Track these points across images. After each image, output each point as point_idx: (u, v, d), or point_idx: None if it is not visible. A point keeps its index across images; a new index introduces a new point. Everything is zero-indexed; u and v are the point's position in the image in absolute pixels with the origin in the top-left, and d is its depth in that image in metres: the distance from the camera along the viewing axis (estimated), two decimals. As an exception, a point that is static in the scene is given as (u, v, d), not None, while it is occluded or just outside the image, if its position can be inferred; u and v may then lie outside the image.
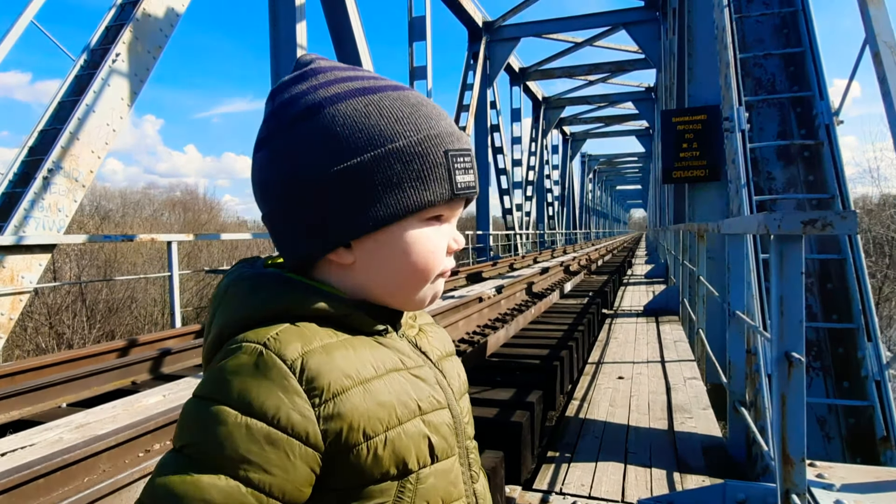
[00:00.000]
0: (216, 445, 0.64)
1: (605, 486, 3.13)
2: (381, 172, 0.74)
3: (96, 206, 36.29)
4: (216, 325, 0.75)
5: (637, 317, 9.00)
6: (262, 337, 0.69)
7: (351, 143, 0.73)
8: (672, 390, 4.82)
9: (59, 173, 7.40)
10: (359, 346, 0.75)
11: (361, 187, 0.74)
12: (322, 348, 0.71)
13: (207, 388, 0.67)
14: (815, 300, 4.22)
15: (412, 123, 0.76)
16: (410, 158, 0.75)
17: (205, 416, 0.65)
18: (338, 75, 0.79)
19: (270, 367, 0.67)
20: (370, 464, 0.70)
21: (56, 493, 2.80)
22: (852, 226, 1.84)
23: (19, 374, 5.28)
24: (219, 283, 0.80)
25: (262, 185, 0.78)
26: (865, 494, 2.06)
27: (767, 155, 4.74)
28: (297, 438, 0.66)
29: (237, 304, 0.75)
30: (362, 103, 0.75)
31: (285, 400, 0.66)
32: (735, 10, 5.28)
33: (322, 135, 0.74)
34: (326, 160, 0.73)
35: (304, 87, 0.78)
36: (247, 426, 0.64)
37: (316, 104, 0.75)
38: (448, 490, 0.79)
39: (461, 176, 0.78)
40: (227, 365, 0.67)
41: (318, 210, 0.74)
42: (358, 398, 0.70)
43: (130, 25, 8.36)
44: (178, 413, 1.64)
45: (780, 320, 1.93)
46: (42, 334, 21.03)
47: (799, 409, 1.89)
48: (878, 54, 3.42)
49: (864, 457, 3.71)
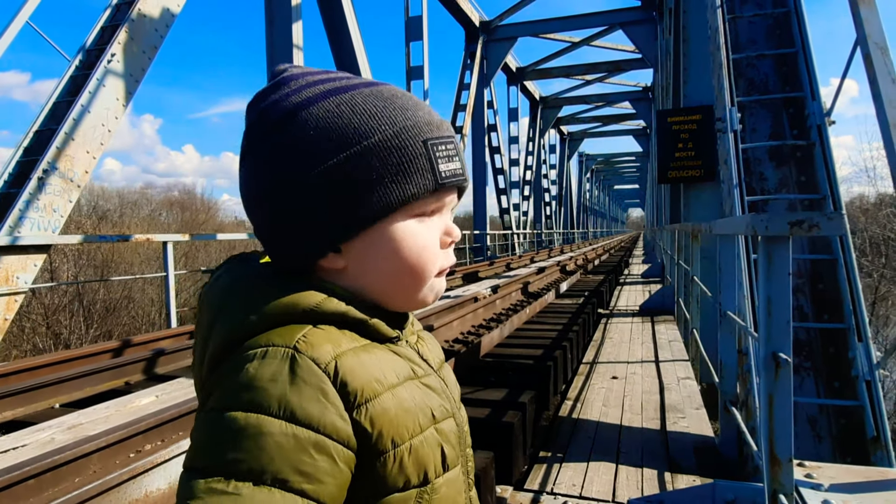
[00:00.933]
0: (266, 459, 0.60)
1: (597, 486, 3.13)
2: (358, 171, 0.72)
3: (94, 205, 36.25)
4: (225, 327, 0.70)
5: (633, 316, 9.01)
6: (290, 339, 0.66)
7: (325, 145, 0.72)
8: (665, 390, 4.82)
9: (55, 174, 7.39)
10: (379, 353, 0.73)
11: (341, 188, 0.72)
12: (351, 352, 0.69)
13: (239, 399, 0.62)
14: (807, 300, 4.22)
15: (386, 117, 0.74)
16: (388, 153, 0.73)
17: (244, 430, 0.60)
18: (309, 80, 0.77)
19: (307, 372, 0.64)
20: (395, 472, 0.69)
21: (47, 494, 2.80)
22: (839, 227, 1.84)
23: (12, 374, 5.28)
24: (211, 283, 0.77)
25: (247, 198, 0.77)
26: (854, 494, 2.06)
27: (760, 155, 4.75)
28: (341, 443, 0.64)
29: (250, 304, 0.70)
30: (334, 103, 0.74)
31: (327, 404, 0.64)
32: (728, 10, 5.29)
33: (297, 141, 0.72)
34: (304, 166, 0.72)
35: (277, 95, 0.76)
36: (294, 435, 0.61)
37: (289, 111, 0.74)
38: (455, 499, 0.78)
39: (444, 164, 0.76)
40: (257, 372, 0.63)
41: (302, 217, 0.73)
42: (388, 404, 0.69)
43: (126, 26, 8.34)
44: (170, 413, 1.63)
45: (767, 321, 1.94)
46: (39, 335, 21.01)
47: (786, 409, 1.89)
48: (869, 55, 3.43)
49: (854, 457, 3.72)
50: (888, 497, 2.04)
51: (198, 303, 0.78)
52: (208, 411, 0.64)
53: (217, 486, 0.59)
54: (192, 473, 0.61)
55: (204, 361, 0.72)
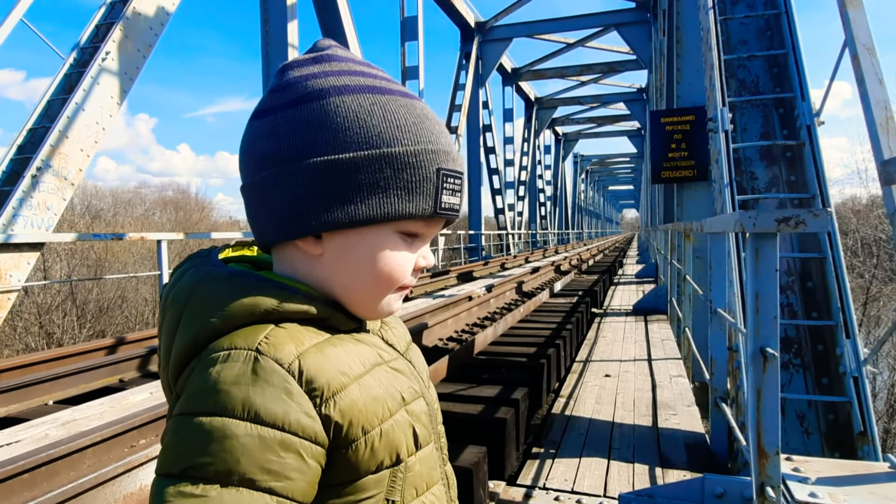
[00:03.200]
0: (232, 461, 0.61)
1: (588, 481, 3.16)
2: (370, 173, 0.73)
3: (87, 205, 36.19)
4: (189, 330, 0.70)
5: (626, 316, 9.05)
6: (252, 342, 0.67)
7: (348, 137, 0.73)
8: (658, 388, 4.86)
9: (48, 171, 7.39)
10: (344, 344, 0.74)
11: (347, 182, 0.73)
12: (315, 348, 0.70)
13: (202, 403, 0.64)
14: (796, 298, 4.26)
15: (413, 133, 0.75)
16: (402, 167, 0.74)
17: (209, 433, 0.62)
18: (351, 67, 0.79)
19: (270, 373, 0.65)
20: (367, 457, 0.71)
21: (40, 488, 2.81)
22: (825, 224, 1.87)
23: (5, 371, 5.28)
24: (173, 282, 0.77)
25: (252, 154, 0.77)
26: (840, 487, 2.08)
27: (750, 155, 4.79)
28: (308, 439, 0.65)
29: (212, 306, 0.71)
30: (368, 101, 0.75)
31: (291, 403, 0.65)
32: (720, 11, 5.33)
33: (322, 121, 0.73)
34: (320, 146, 0.73)
35: (316, 69, 0.77)
36: (259, 435, 0.62)
37: (324, 89, 0.75)
38: (430, 475, 0.81)
39: (447, 196, 0.78)
40: (220, 375, 0.64)
41: (298, 192, 0.73)
42: (355, 394, 0.70)
43: (120, 24, 8.35)
44: (165, 409, 1.66)
45: (755, 316, 1.96)
46: (32, 334, 20.95)
47: (773, 403, 1.92)
48: (857, 56, 3.47)
49: (842, 451, 3.76)
50: (873, 489, 2.07)
51: (160, 303, 0.78)
52: (176, 416, 0.65)
53: (186, 489, 0.60)
54: (162, 479, 0.62)
55: (169, 364, 0.73)
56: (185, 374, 0.69)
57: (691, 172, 9.15)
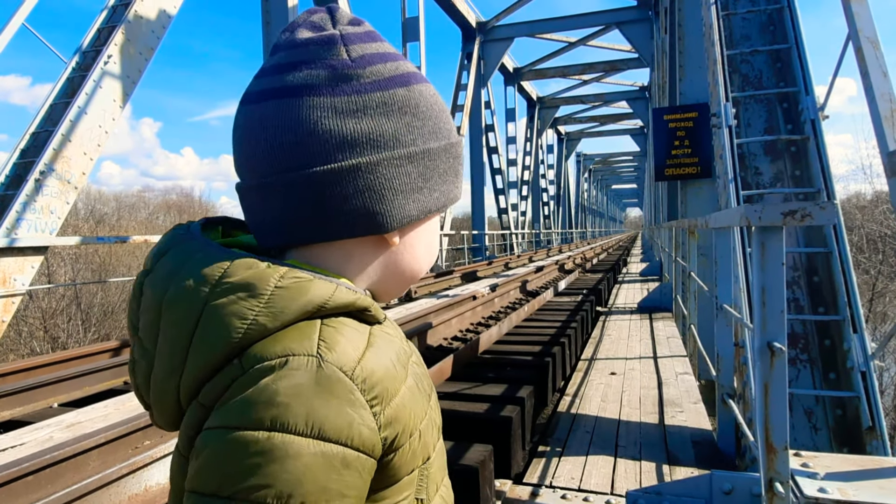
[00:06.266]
0: (294, 482, 0.55)
1: (595, 478, 3.15)
2: (446, 161, 0.75)
3: (91, 209, 36.28)
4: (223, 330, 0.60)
5: (631, 314, 9.02)
6: (310, 346, 0.60)
7: (431, 126, 0.73)
8: (663, 385, 4.84)
9: (51, 175, 7.39)
10: (385, 342, 0.68)
11: (434, 171, 0.73)
12: (369, 350, 0.64)
13: (259, 418, 0.56)
14: (803, 293, 4.24)
15: (451, 124, 0.77)
16: (458, 154, 0.77)
17: (269, 452, 0.55)
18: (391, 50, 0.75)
19: (335, 383, 0.58)
20: (409, 460, 0.67)
21: (45, 490, 2.81)
22: (831, 216, 1.86)
23: (10, 374, 5.28)
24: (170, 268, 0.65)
25: (325, 134, 0.67)
26: (849, 482, 2.07)
27: (755, 150, 4.76)
28: (366, 453, 0.60)
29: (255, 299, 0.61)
30: (429, 91, 0.75)
31: (355, 416, 0.59)
32: (722, 7, 5.31)
33: (414, 108, 0.71)
34: (413, 135, 0.71)
35: (383, 49, 0.73)
36: (322, 453, 0.56)
37: (406, 75, 0.72)
38: (442, 467, 0.79)
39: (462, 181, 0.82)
40: (279, 386, 0.57)
41: (395, 182, 0.70)
42: (406, 398, 0.66)
43: (122, 27, 8.35)
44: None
45: (762, 310, 1.95)
46: (37, 338, 20.99)
47: (781, 397, 1.91)
48: (861, 50, 3.45)
49: (851, 447, 3.73)
50: (882, 484, 2.05)
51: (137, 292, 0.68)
52: (218, 429, 0.57)
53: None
54: (205, 499, 0.55)
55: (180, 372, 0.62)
56: (217, 380, 0.60)
57: (695, 169, 9.13)
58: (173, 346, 0.62)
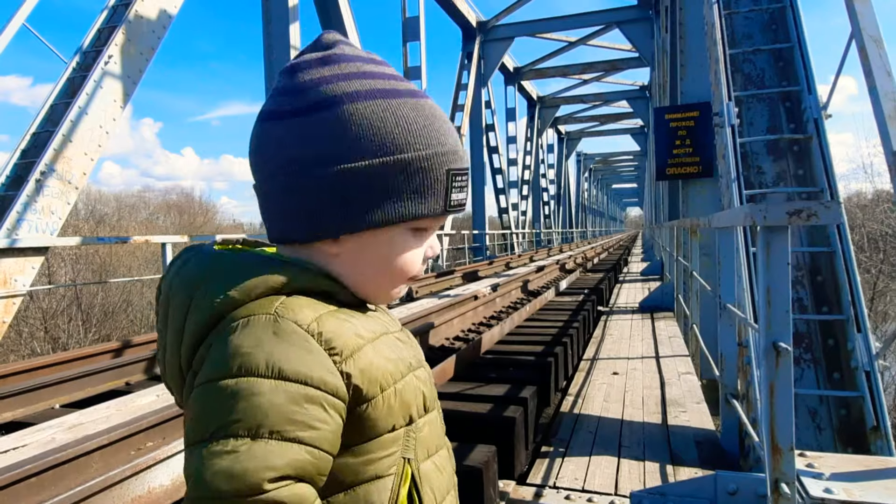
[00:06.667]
0: (261, 415, 0.64)
1: (599, 479, 3.14)
2: (384, 179, 0.76)
3: (92, 209, 36.27)
4: (204, 306, 0.72)
5: (632, 313, 9.01)
6: (269, 308, 0.71)
7: (363, 145, 0.75)
8: (666, 385, 4.83)
9: (52, 176, 7.39)
10: (354, 314, 0.79)
11: (362, 189, 0.76)
12: (329, 313, 0.74)
13: (227, 368, 0.66)
14: (806, 293, 4.23)
15: (424, 137, 0.78)
16: (415, 172, 0.77)
17: (235, 394, 0.64)
18: (360, 68, 0.80)
19: (290, 333, 0.69)
20: (385, 414, 0.75)
21: (48, 492, 2.80)
22: (836, 216, 1.86)
23: (11, 375, 5.28)
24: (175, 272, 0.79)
25: (267, 157, 0.79)
26: (855, 483, 2.07)
27: (757, 149, 4.76)
28: (330, 393, 0.68)
29: (228, 281, 0.73)
30: (380, 107, 0.77)
31: (312, 360, 0.68)
32: (724, 6, 5.30)
33: (338, 129, 0.75)
34: (337, 155, 0.75)
35: (326, 73, 0.79)
36: (284, 390, 0.65)
37: (337, 97, 0.77)
38: (437, 438, 0.87)
39: (456, 194, 0.82)
40: (242, 340, 0.68)
41: (317, 199, 0.76)
42: (371, 355, 0.74)
43: (123, 27, 8.34)
44: (172, 412, 1.63)
45: (767, 311, 1.94)
46: (37, 339, 20.97)
47: (787, 398, 1.90)
48: (864, 48, 3.44)
49: (855, 447, 3.73)
50: (888, 485, 2.05)
51: (159, 295, 0.81)
52: (199, 386, 0.67)
53: (216, 448, 0.62)
54: (193, 448, 0.65)
55: (181, 347, 0.74)
56: (202, 349, 0.71)
57: (696, 168, 9.13)
58: (175, 326, 0.75)
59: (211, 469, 0.62)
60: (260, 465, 0.62)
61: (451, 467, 0.91)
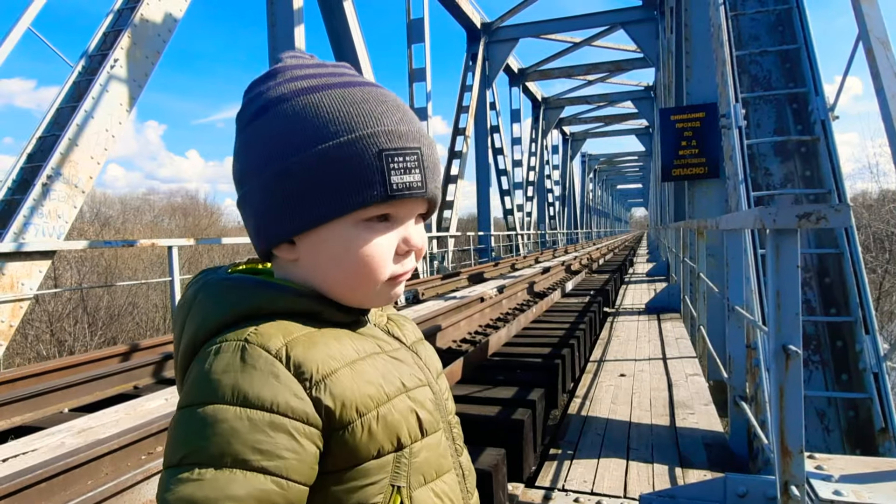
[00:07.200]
0: (223, 443, 0.63)
1: (608, 482, 3.14)
2: (309, 175, 0.74)
3: (96, 212, 36.33)
4: (187, 332, 0.75)
5: (639, 315, 9.00)
6: (241, 334, 0.70)
7: (284, 144, 0.75)
8: (674, 387, 4.82)
9: (59, 179, 7.41)
10: (338, 335, 0.77)
11: (293, 188, 0.75)
12: (304, 336, 0.72)
13: (196, 394, 0.67)
14: (814, 294, 4.22)
15: (346, 123, 0.75)
16: (337, 160, 0.74)
17: (202, 421, 0.64)
18: (296, 73, 0.80)
19: (257, 359, 0.68)
20: (366, 440, 0.72)
21: (58, 497, 2.81)
22: (846, 219, 1.85)
23: (20, 380, 5.29)
24: (184, 293, 0.81)
25: (234, 179, 0.82)
26: (864, 485, 2.06)
27: (764, 151, 4.75)
28: (299, 420, 0.67)
29: (208, 308, 0.75)
30: (301, 104, 0.76)
31: (279, 386, 0.67)
32: (731, 7, 5.29)
33: (266, 135, 0.77)
34: (268, 160, 0.76)
35: (263, 87, 0.80)
36: (248, 418, 0.65)
37: (266, 104, 0.78)
38: (439, 462, 0.81)
39: (398, 176, 0.76)
40: (211, 366, 0.68)
41: (261, 205, 0.77)
42: (346, 377, 0.72)
43: (128, 31, 8.37)
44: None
45: (776, 313, 1.94)
46: (43, 342, 21.02)
47: (797, 400, 1.90)
48: (871, 50, 3.44)
49: (863, 449, 3.71)
50: (899, 487, 2.04)
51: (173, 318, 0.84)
52: (176, 411, 0.69)
53: (183, 476, 0.63)
54: (165, 471, 0.65)
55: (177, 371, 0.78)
56: (187, 374, 0.72)
57: (702, 169, 9.11)
58: (175, 350, 0.78)
59: (174, 495, 0.62)
60: (220, 494, 0.62)
61: (460, 495, 0.86)
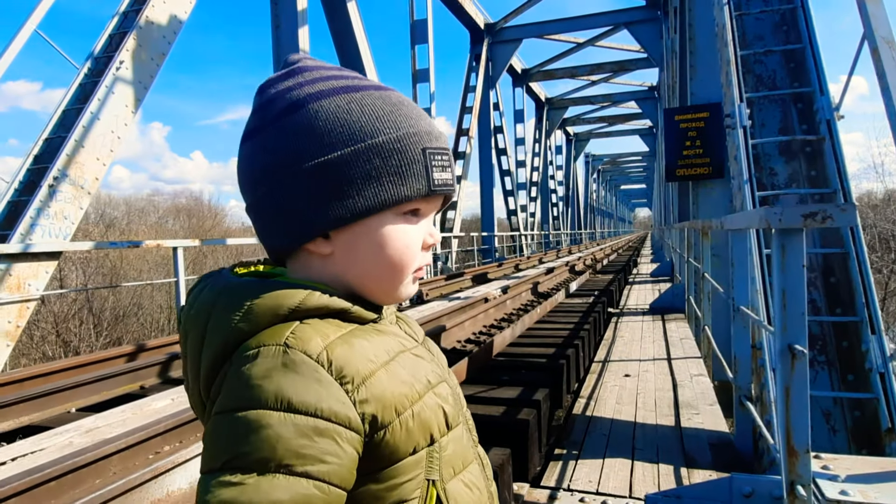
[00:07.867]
0: (268, 448, 0.64)
1: (613, 482, 3.14)
2: (360, 166, 0.77)
3: (101, 213, 36.43)
4: (216, 339, 0.73)
5: (643, 315, 8.98)
6: (280, 338, 0.70)
7: (332, 137, 0.76)
8: (678, 387, 4.82)
9: (65, 181, 7.44)
10: (367, 335, 0.77)
11: (341, 180, 0.76)
12: (340, 339, 0.73)
13: (236, 399, 0.67)
14: (819, 294, 4.22)
15: (392, 121, 0.79)
16: (389, 154, 0.77)
17: (245, 426, 0.65)
18: (322, 74, 0.82)
19: (299, 364, 0.68)
20: (404, 438, 0.73)
21: (67, 496, 2.82)
22: (852, 218, 1.86)
23: (28, 380, 5.31)
24: (190, 302, 0.80)
25: (248, 174, 0.81)
26: (870, 485, 2.06)
27: (769, 151, 4.75)
28: (342, 425, 0.68)
29: (237, 313, 0.74)
30: (345, 100, 0.78)
31: (322, 391, 0.67)
32: (735, 7, 5.29)
33: (305, 128, 0.77)
34: (309, 152, 0.76)
35: (290, 83, 0.81)
36: (293, 423, 0.65)
37: (301, 99, 0.78)
38: (464, 454, 0.84)
39: (438, 173, 0.81)
40: (252, 371, 0.67)
41: (299, 200, 0.77)
42: (384, 380, 0.73)
43: (133, 33, 8.40)
44: (187, 415, 1.66)
45: (782, 313, 1.94)
46: (49, 343, 21.09)
47: (802, 400, 1.90)
48: (877, 50, 3.44)
49: (869, 449, 3.71)
50: (905, 486, 2.05)
51: (179, 325, 0.82)
52: (213, 416, 0.68)
53: (226, 479, 0.63)
54: (205, 476, 0.65)
55: (199, 378, 0.76)
56: (217, 380, 0.72)
57: (707, 170, 9.10)
58: (193, 357, 0.77)
59: (217, 498, 0.62)
60: (264, 499, 0.62)
61: (484, 483, 0.89)
